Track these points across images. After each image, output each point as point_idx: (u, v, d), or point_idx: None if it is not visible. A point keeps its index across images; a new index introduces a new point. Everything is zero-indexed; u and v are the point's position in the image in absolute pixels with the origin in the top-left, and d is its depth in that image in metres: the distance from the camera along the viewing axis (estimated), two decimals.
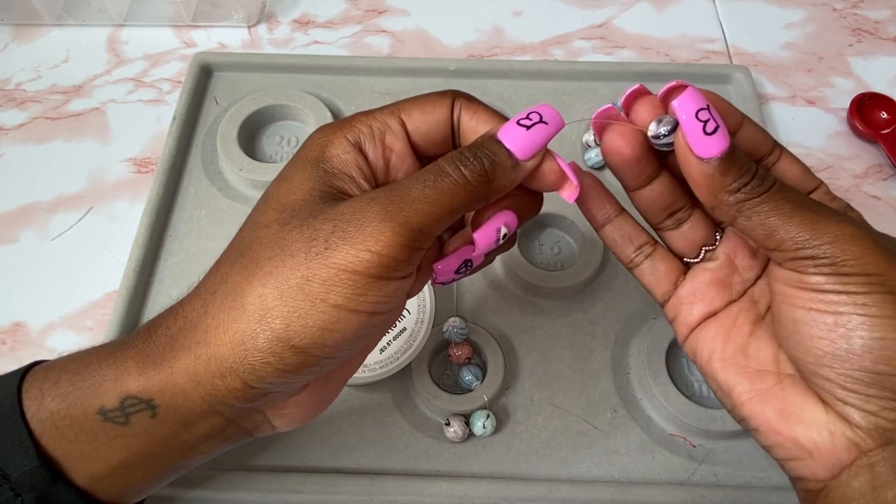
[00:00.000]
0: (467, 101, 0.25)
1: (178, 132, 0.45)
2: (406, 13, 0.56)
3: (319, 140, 0.24)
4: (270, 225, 0.23)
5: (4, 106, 0.49)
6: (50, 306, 0.41)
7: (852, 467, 0.23)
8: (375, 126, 0.24)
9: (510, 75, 0.50)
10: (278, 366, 0.21)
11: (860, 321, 0.22)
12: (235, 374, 0.22)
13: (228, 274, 0.23)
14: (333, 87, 0.49)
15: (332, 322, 0.21)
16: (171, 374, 0.22)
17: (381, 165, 0.24)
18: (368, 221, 0.21)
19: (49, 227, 0.44)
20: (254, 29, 0.54)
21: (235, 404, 0.23)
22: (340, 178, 0.23)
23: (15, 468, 0.23)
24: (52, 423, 0.23)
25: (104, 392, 0.23)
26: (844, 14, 0.56)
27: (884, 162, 0.48)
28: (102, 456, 0.24)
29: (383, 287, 0.22)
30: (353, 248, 0.21)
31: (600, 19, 0.56)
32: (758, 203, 0.23)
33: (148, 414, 0.23)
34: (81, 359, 0.24)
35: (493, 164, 0.23)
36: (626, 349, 0.39)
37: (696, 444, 0.36)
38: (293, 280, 0.21)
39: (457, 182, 0.22)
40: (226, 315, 0.22)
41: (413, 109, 0.25)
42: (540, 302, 0.40)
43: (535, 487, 0.34)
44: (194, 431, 0.24)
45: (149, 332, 0.24)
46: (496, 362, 0.37)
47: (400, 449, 0.36)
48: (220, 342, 0.22)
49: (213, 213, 0.43)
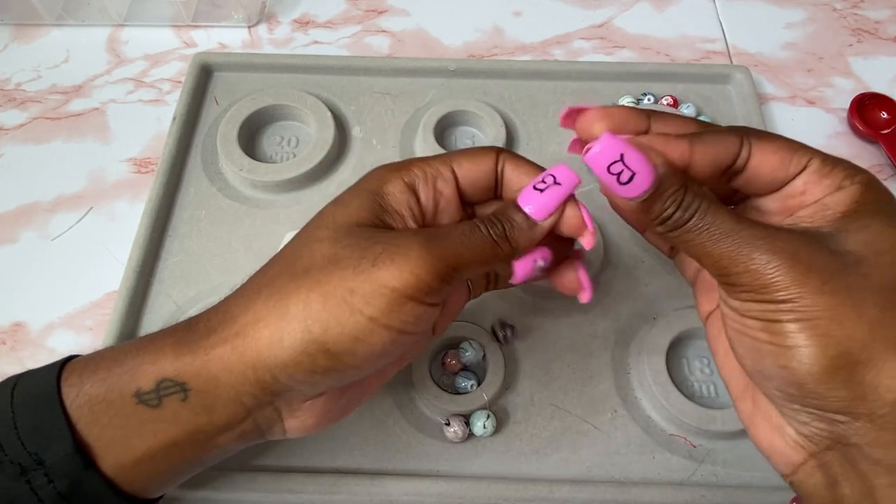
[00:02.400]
0: (510, 155, 0.28)
1: (178, 132, 0.45)
2: (406, 13, 0.56)
3: (378, 177, 0.27)
4: (323, 240, 0.25)
5: (4, 106, 0.49)
6: (50, 306, 0.41)
7: (805, 466, 0.24)
8: (429, 171, 0.27)
9: (510, 75, 0.50)
10: (309, 366, 0.24)
11: (768, 349, 0.23)
12: (267, 367, 0.24)
13: (277, 278, 0.25)
14: (333, 87, 0.49)
15: (366, 333, 0.23)
16: (207, 360, 0.24)
17: (431, 207, 0.27)
18: (413, 248, 0.24)
19: (49, 227, 0.44)
20: (254, 29, 0.54)
21: (259, 395, 0.25)
22: (392, 214, 0.26)
23: (51, 454, 0.24)
24: (89, 407, 0.25)
25: (142, 375, 0.25)
26: (844, 14, 0.56)
27: (884, 162, 0.48)
28: (132, 442, 0.25)
29: (414, 308, 0.24)
30: (398, 269, 0.23)
31: (600, 19, 0.56)
32: (681, 233, 0.24)
33: (180, 397, 0.25)
34: (120, 348, 0.26)
35: (513, 228, 0.26)
36: (626, 349, 0.39)
37: (696, 445, 0.36)
38: (339, 290, 0.23)
39: (485, 238, 0.25)
40: (268, 312, 0.24)
41: (463, 160, 0.28)
42: (540, 302, 0.40)
43: (536, 487, 0.34)
44: (215, 419, 0.25)
45: (189, 323, 0.26)
46: (496, 362, 0.37)
47: (400, 449, 0.36)
48: (258, 336, 0.24)
49: (214, 213, 0.43)
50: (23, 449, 0.24)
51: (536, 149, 0.47)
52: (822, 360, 0.22)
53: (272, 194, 0.44)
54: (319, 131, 0.45)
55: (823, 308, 0.22)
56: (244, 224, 0.43)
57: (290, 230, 0.41)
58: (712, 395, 0.37)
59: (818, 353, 0.22)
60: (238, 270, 0.41)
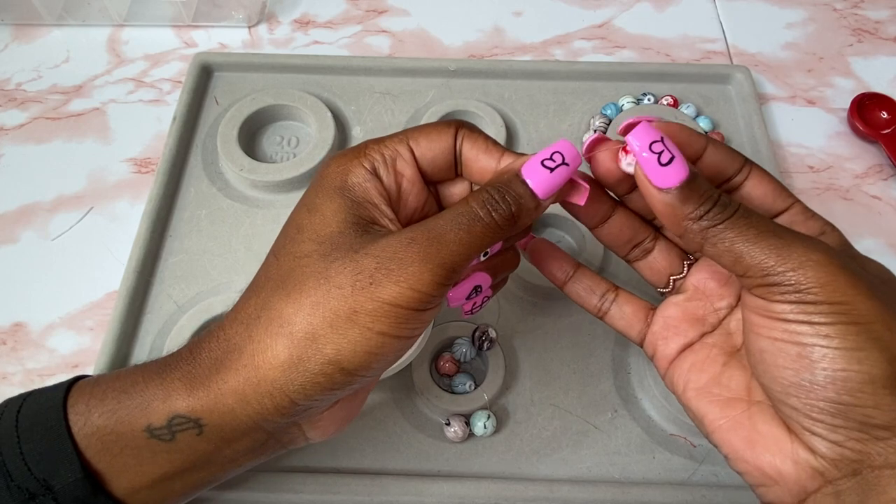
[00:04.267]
0: (469, 130, 0.27)
1: (178, 132, 0.45)
2: (406, 13, 0.56)
3: (338, 169, 0.26)
4: (310, 255, 0.24)
5: (5, 106, 0.50)
6: (50, 306, 0.41)
7: (818, 494, 0.23)
8: (387, 153, 0.26)
9: (510, 75, 0.50)
10: (327, 385, 0.23)
11: (823, 353, 0.22)
12: (284, 393, 0.23)
13: (270, 300, 0.24)
14: (334, 87, 0.49)
15: (378, 347, 0.23)
16: (220, 394, 0.24)
17: (395, 190, 0.26)
18: (410, 262, 0.23)
19: (49, 228, 0.44)
20: (254, 29, 0.54)
21: (279, 420, 0.24)
22: (365, 206, 0.25)
23: (59, 480, 0.24)
24: (97, 437, 0.24)
25: (152, 411, 0.24)
26: (845, 14, 0.56)
27: (884, 162, 0.48)
28: (145, 469, 0.25)
29: (420, 316, 0.24)
30: (398, 287, 0.23)
31: (601, 19, 0.56)
32: (721, 230, 0.23)
33: (194, 432, 0.24)
34: (126, 377, 0.25)
35: (520, 208, 0.24)
36: (626, 349, 0.39)
37: (696, 445, 0.36)
38: (342, 311, 0.23)
39: (488, 225, 0.24)
40: (272, 340, 0.23)
41: (420, 137, 0.27)
42: (540, 302, 0.40)
43: (536, 487, 0.34)
44: (236, 447, 0.25)
45: (191, 354, 0.25)
46: (496, 362, 0.37)
47: (400, 449, 0.36)
48: (269, 366, 0.23)
49: (214, 213, 0.43)
50: (30, 474, 0.24)
51: (537, 149, 0.46)
52: (883, 363, 0.21)
53: (272, 194, 0.44)
54: (320, 131, 0.45)
55: (877, 314, 0.22)
56: (244, 224, 0.43)
57: None
58: None
59: (880, 357, 0.21)
60: (238, 270, 0.41)
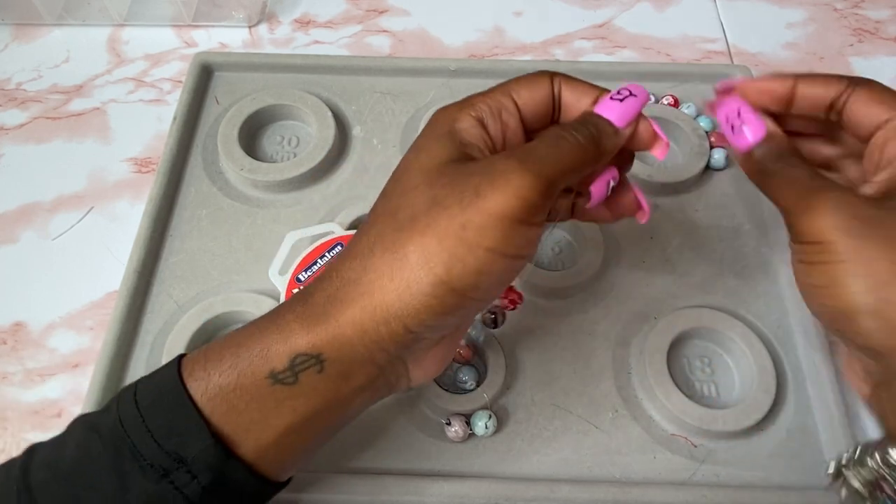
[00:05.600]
0: (565, 78, 0.29)
1: (178, 132, 0.45)
2: (407, 13, 0.56)
3: (447, 117, 0.27)
4: (418, 186, 0.25)
5: (5, 106, 0.49)
6: (51, 306, 0.41)
7: None
8: (493, 105, 0.27)
9: (511, 75, 0.48)
10: (438, 308, 0.24)
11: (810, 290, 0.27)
12: (399, 318, 0.24)
13: (384, 233, 0.25)
14: (334, 86, 0.49)
15: (487, 265, 0.24)
16: (339, 326, 0.24)
17: (500, 139, 0.27)
18: (511, 171, 0.24)
19: (50, 227, 0.44)
20: (254, 29, 0.54)
21: (393, 350, 0.25)
22: (471, 147, 0.26)
23: (191, 450, 0.24)
24: (221, 398, 0.24)
25: (273, 355, 0.24)
26: (845, 14, 0.56)
27: None
28: (270, 422, 0.25)
29: (525, 232, 0.24)
30: (503, 195, 0.23)
31: (601, 19, 0.56)
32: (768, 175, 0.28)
33: (316, 369, 0.25)
34: (239, 334, 0.26)
35: (599, 131, 0.26)
36: (627, 349, 0.39)
37: (697, 444, 0.36)
38: (451, 228, 0.23)
39: (574, 144, 0.25)
40: (388, 267, 0.24)
41: (521, 89, 0.28)
42: (541, 302, 0.40)
43: (537, 487, 0.34)
44: (352, 383, 0.25)
45: (304, 296, 0.26)
46: (497, 362, 0.37)
47: (401, 449, 0.36)
48: (385, 290, 0.24)
49: (214, 212, 0.43)
50: (160, 450, 0.24)
51: None
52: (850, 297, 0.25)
53: (273, 194, 0.44)
54: (320, 131, 0.45)
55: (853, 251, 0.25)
56: (245, 224, 0.43)
57: (290, 230, 0.41)
58: (713, 395, 0.37)
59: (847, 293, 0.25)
60: (239, 270, 0.41)
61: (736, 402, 0.36)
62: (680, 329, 0.38)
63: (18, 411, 0.38)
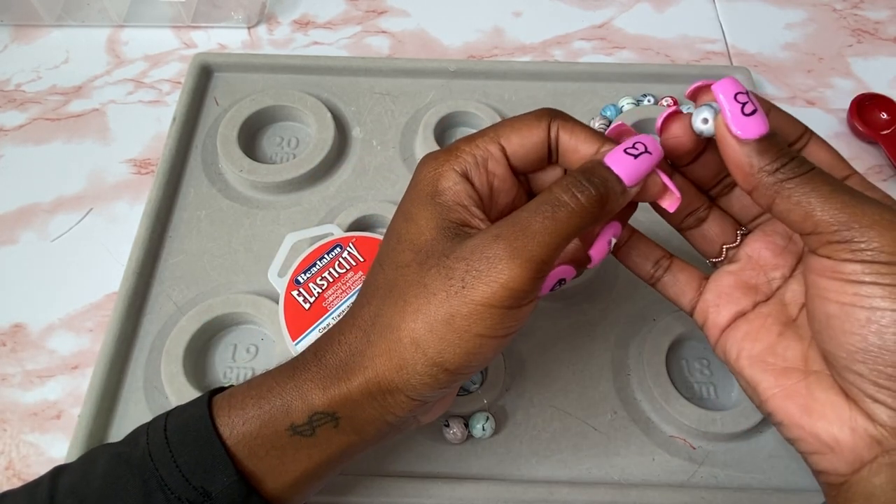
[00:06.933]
0: (563, 120, 0.27)
1: (178, 133, 0.45)
2: (406, 14, 0.56)
3: (430, 174, 0.27)
4: (409, 265, 0.25)
5: (4, 107, 0.49)
6: (50, 307, 0.41)
7: (874, 464, 0.23)
8: (478, 154, 0.27)
9: (510, 76, 0.50)
10: (434, 384, 0.25)
11: (894, 317, 0.22)
12: (401, 391, 0.25)
13: (382, 308, 0.26)
14: (333, 87, 0.49)
15: (477, 348, 0.24)
16: (349, 391, 0.26)
17: (486, 191, 0.27)
18: (498, 260, 0.23)
19: (49, 229, 0.44)
20: (254, 29, 0.54)
21: (400, 413, 0.26)
22: (455, 209, 0.26)
23: (217, 485, 0.25)
24: (244, 444, 0.26)
25: (293, 411, 0.26)
26: (844, 14, 0.56)
27: (884, 163, 0.48)
28: (289, 468, 0.27)
29: (516, 314, 0.24)
30: (489, 287, 0.23)
31: (600, 20, 0.56)
32: (797, 184, 0.23)
33: (332, 425, 0.26)
34: (259, 386, 0.27)
35: (607, 190, 0.24)
36: (625, 351, 0.39)
37: (695, 446, 0.36)
38: (439, 316, 0.24)
39: (573, 210, 0.24)
40: (386, 345, 0.25)
41: (511, 134, 0.27)
42: (540, 302, 0.40)
43: (535, 489, 0.34)
44: (365, 436, 0.27)
45: (317, 357, 0.27)
46: (496, 364, 0.37)
47: (399, 451, 0.36)
48: (385, 368, 0.25)
49: (214, 213, 0.43)
50: (187, 484, 0.25)
51: None
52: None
53: (272, 195, 0.44)
54: (319, 132, 0.45)
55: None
56: (244, 225, 0.43)
57: (289, 231, 0.41)
58: (712, 397, 0.37)
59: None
60: (238, 271, 0.41)
61: (734, 404, 0.37)
62: (679, 331, 0.38)
63: (18, 413, 0.38)
